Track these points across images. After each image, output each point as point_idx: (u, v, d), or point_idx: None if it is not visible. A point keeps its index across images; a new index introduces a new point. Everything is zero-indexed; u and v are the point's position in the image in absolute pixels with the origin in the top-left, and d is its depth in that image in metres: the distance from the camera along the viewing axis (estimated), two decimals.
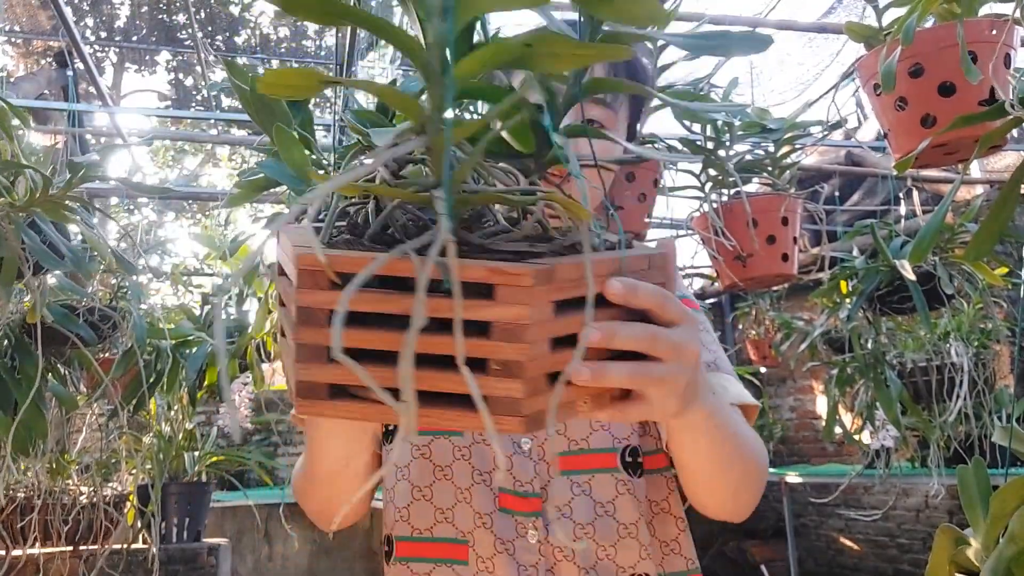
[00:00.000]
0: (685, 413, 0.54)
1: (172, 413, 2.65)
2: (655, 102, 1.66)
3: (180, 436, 2.67)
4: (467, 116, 0.58)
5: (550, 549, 0.78)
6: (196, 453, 2.77)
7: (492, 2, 0.36)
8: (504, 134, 0.44)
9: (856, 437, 2.71)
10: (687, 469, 0.76)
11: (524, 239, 0.43)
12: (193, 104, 9.94)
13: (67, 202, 1.33)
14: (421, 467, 0.82)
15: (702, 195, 1.76)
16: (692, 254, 2.02)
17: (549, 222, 0.46)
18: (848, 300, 2.17)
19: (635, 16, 0.40)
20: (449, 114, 0.37)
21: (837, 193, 4.69)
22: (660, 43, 1.64)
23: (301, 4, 0.36)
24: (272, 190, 0.76)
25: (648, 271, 0.49)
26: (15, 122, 1.33)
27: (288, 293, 0.41)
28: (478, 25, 0.42)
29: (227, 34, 9.99)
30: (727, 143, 1.73)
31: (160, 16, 9.72)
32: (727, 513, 0.80)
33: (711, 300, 5.58)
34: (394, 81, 1.19)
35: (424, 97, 0.38)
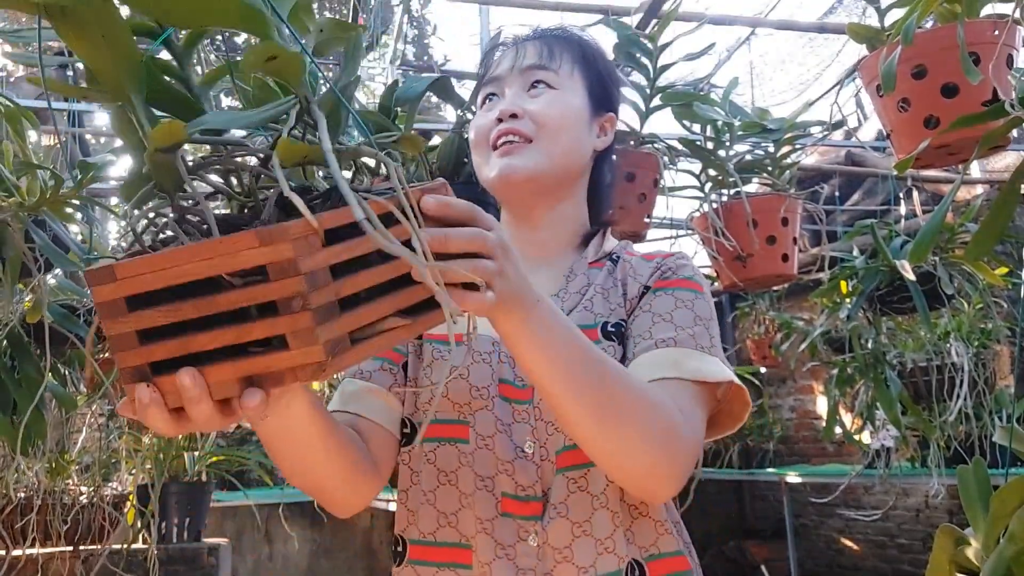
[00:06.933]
0: (516, 308, 0.62)
1: None
2: (655, 102, 1.66)
3: (180, 436, 2.67)
4: None
5: (550, 551, 0.78)
6: (196, 453, 2.76)
7: None
8: None
9: (856, 437, 2.71)
10: (540, 391, 0.70)
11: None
12: None
13: (74, 201, 1.34)
14: (428, 472, 0.83)
15: (702, 195, 1.76)
16: (692, 254, 2.02)
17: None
18: (848, 300, 2.17)
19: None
20: None
21: (837, 193, 4.69)
22: (660, 43, 1.64)
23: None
24: None
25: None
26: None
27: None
28: None
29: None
30: (727, 143, 1.73)
31: None
32: (615, 467, 0.72)
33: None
34: (395, 82, 1.19)
35: None
